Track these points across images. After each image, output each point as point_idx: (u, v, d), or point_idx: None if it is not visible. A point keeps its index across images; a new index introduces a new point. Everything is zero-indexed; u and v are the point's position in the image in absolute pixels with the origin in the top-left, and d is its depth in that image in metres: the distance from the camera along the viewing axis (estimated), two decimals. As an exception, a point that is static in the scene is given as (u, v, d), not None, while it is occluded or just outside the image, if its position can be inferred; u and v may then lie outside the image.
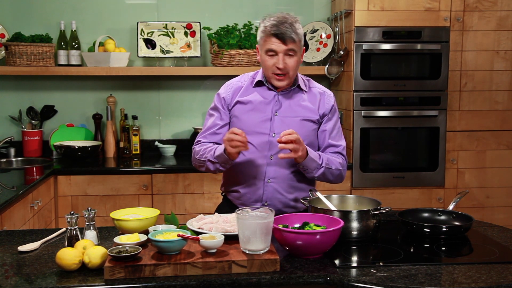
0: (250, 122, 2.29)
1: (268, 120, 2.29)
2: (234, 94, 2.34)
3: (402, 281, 1.62)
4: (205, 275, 1.64)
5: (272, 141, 2.27)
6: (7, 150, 3.87)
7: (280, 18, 2.19)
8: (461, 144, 3.78)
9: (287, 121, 2.29)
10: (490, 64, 3.74)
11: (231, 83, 2.39)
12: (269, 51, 2.20)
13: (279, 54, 2.19)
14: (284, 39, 2.16)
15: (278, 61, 2.19)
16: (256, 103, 2.30)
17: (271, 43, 2.18)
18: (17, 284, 1.60)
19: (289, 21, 2.18)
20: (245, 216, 1.74)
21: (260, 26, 2.25)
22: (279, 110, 2.30)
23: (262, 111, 2.29)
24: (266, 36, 2.19)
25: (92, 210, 1.90)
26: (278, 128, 2.27)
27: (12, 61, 3.72)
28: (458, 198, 2.27)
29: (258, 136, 2.28)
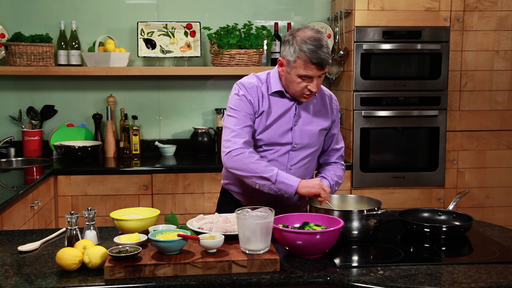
0: (274, 132, 2.25)
1: (289, 130, 2.26)
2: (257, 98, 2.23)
3: (402, 281, 1.62)
4: (205, 275, 1.64)
5: (292, 152, 2.27)
6: (7, 150, 3.87)
7: (317, 41, 2.08)
8: (461, 144, 3.78)
9: (306, 131, 2.28)
10: (490, 64, 3.74)
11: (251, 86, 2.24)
12: (304, 77, 2.13)
13: (314, 79, 2.14)
14: (323, 66, 2.11)
15: (312, 85, 2.14)
16: (278, 113, 2.24)
17: (310, 70, 2.10)
18: (17, 284, 1.60)
19: (325, 44, 2.11)
20: (245, 216, 1.74)
21: (291, 45, 2.12)
22: (298, 120, 2.27)
23: (283, 122, 2.25)
24: (304, 62, 2.09)
25: (92, 210, 1.90)
26: (298, 139, 2.27)
27: (12, 61, 3.72)
28: (458, 198, 2.27)
29: (279, 147, 2.26)
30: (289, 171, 2.28)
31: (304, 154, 2.30)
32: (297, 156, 2.29)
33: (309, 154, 2.32)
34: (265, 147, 2.27)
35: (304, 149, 2.30)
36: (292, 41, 2.13)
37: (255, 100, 2.23)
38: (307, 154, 2.31)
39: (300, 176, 2.27)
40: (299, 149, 2.28)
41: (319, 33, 2.13)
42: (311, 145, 2.31)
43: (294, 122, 2.27)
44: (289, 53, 2.14)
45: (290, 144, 2.27)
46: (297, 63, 2.12)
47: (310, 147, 2.31)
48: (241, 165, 2.15)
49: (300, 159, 2.30)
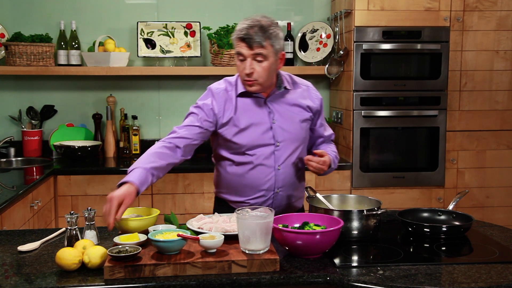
0: (251, 137, 2.20)
1: (268, 130, 2.22)
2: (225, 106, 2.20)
3: (402, 281, 1.62)
4: (205, 275, 1.64)
5: (277, 151, 2.23)
6: (7, 150, 3.87)
7: (252, 22, 2.09)
8: (461, 144, 3.78)
9: (286, 127, 2.24)
10: (490, 64, 3.73)
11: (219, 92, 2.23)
12: (238, 55, 2.12)
13: (247, 59, 2.11)
14: (250, 44, 2.07)
15: (244, 66, 2.11)
16: (250, 115, 2.21)
17: (239, 47, 2.10)
18: (17, 284, 1.60)
19: (261, 25, 2.08)
20: (245, 216, 1.74)
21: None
22: (275, 117, 2.23)
23: (260, 122, 2.21)
24: (235, 40, 2.12)
25: (92, 210, 1.90)
26: (280, 136, 2.23)
27: (12, 61, 3.72)
28: (458, 198, 2.27)
29: (262, 149, 2.22)
30: (277, 171, 2.24)
31: (290, 150, 2.25)
32: (283, 154, 2.24)
33: (296, 150, 2.27)
34: (248, 152, 2.22)
35: (288, 145, 2.25)
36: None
37: (221, 106, 2.20)
38: (293, 150, 2.26)
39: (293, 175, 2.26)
40: (283, 146, 2.24)
41: (263, 19, 2.11)
42: (295, 139, 2.26)
43: (272, 120, 2.23)
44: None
45: (272, 144, 2.23)
46: (234, 45, 2.14)
47: (294, 142, 2.26)
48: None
49: (287, 157, 2.24)
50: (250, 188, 2.26)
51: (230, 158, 2.26)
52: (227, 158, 2.27)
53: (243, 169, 2.25)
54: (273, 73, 2.19)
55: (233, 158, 2.25)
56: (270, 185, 2.25)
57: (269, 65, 2.12)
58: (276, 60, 2.15)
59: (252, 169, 2.24)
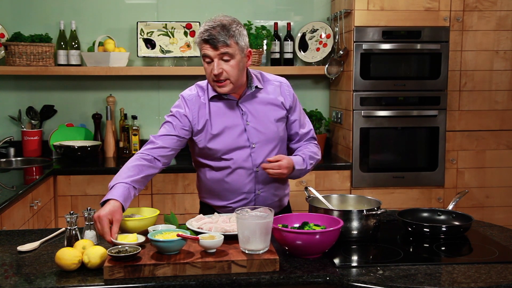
0: (226, 141, 2.19)
1: (243, 132, 2.20)
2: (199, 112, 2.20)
3: (401, 281, 1.62)
4: (205, 275, 1.64)
5: (253, 153, 2.22)
6: (6, 150, 3.87)
7: (214, 22, 2.09)
8: (460, 144, 3.78)
9: (260, 128, 2.22)
10: (490, 64, 3.74)
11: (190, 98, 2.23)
12: (204, 57, 2.11)
13: (214, 60, 2.09)
14: (215, 44, 2.06)
15: (212, 67, 2.09)
16: (223, 119, 2.20)
17: (205, 49, 2.09)
18: (17, 284, 1.60)
19: (222, 24, 2.08)
20: (244, 216, 1.74)
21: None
22: (248, 118, 2.21)
23: (234, 125, 2.20)
24: (199, 43, 2.11)
25: (91, 210, 1.90)
26: (255, 138, 2.21)
27: (12, 61, 3.72)
28: (457, 198, 2.27)
29: (238, 152, 2.21)
30: (256, 173, 2.23)
31: (266, 151, 2.23)
32: (260, 155, 2.22)
33: (273, 149, 2.25)
34: (224, 157, 2.21)
35: (264, 146, 2.23)
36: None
37: (194, 112, 2.20)
38: (270, 150, 2.24)
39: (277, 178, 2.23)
40: (259, 148, 2.22)
41: (224, 18, 2.12)
42: (271, 139, 2.24)
43: (246, 122, 2.21)
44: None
45: (248, 147, 2.21)
46: (199, 47, 2.12)
47: (271, 142, 2.24)
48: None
49: (264, 158, 2.22)
50: (231, 192, 2.26)
51: (208, 164, 2.26)
52: (205, 164, 2.27)
53: (222, 174, 2.25)
54: (243, 71, 2.17)
55: (211, 164, 2.25)
56: (250, 187, 2.25)
57: (236, 63, 2.11)
58: (243, 57, 2.13)
59: (231, 173, 2.23)
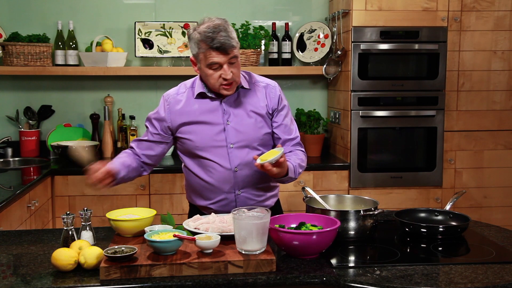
0: (203, 138, 2.19)
1: (221, 131, 2.19)
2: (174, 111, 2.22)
3: (398, 281, 1.62)
4: (201, 276, 1.64)
5: (231, 153, 2.20)
6: (4, 150, 3.87)
7: (213, 28, 2.04)
8: (458, 144, 3.78)
9: (241, 128, 2.20)
10: (488, 64, 3.74)
11: (168, 98, 2.25)
12: (212, 65, 2.07)
13: (224, 65, 2.07)
14: (226, 50, 2.04)
15: (224, 72, 2.07)
16: (203, 117, 2.19)
17: (213, 57, 2.05)
18: (13, 284, 1.59)
19: (223, 28, 2.05)
20: (241, 216, 1.74)
21: (192, 38, 2.10)
22: (229, 118, 2.19)
23: (212, 124, 2.19)
24: (205, 51, 2.05)
25: (88, 211, 1.90)
26: (234, 138, 2.19)
27: (10, 61, 3.71)
28: (455, 198, 2.27)
29: (216, 150, 2.19)
30: (235, 173, 2.21)
31: (245, 152, 2.20)
32: (239, 156, 2.20)
33: (252, 151, 2.21)
34: (202, 154, 2.21)
35: (243, 147, 2.20)
36: (192, 35, 2.10)
37: (172, 111, 2.22)
38: (250, 152, 2.20)
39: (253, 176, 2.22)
40: (238, 148, 2.19)
41: (217, 20, 2.08)
42: (251, 140, 2.21)
43: (226, 121, 2.20)
44: (193, 47, 2.12)
45: (225, 147, 2.20)
46: (201, 55, 2.08)
47: (251, 143, 2.21)
48: None
49: (243, 159, 2.20)
50: (211, 191, 2.25)
51: (189, 161, 2.27)
52: (187, 161, 2.29)
53: (201, 172, 2.25)
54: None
55: (191, 161, 2.26)
56: (230, 187, 2.23)
57: (239, 63, 2.14)
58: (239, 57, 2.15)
59: (209, 171, 2.23)
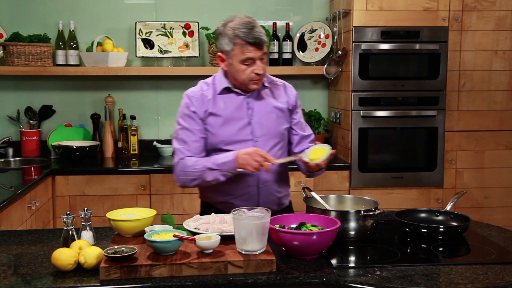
0: (229, 132, 2.23)
1: (246, 125, 2.25)
2: (203, 105, 2.25)
3: (398, 282, 1.62)
4: (201, 276, 1.64)
5: (256, 146, 2.22)
6: (5, 150, 3.87)
7: (247, 24, 2.13)
8: (459, 144, 3.77)
9: (265, 122, 2.26)
10: (489, 64, 3.73)
11: (194, 94, 2.28)
12: (247, 60, 2.14)
13: (257, 61, 2.15)
14: (261, 46, 2.13)
15: (257, 67, 2.15)
16: (229, 111, 2.24)
17: (249, 52, 2.13)
18: (13, 284, 1.59)
19: (256, 24, 2.15)
20: (241, 216, 1.74)
21: (225, 34, 2.17)
22: (253, 113, 2.26)
23: (237, 119, 2.24)
24: (241, 46, 2.12)
25: (88, 211, 1.89)
26: (259, 131, 2.25)
27: (10, 61, 3.72)
28: (455, 198, 2.26)
29: (241, 144, 2.23)
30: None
31: (269, 146, 2.26)
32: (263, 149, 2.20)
33: (275, 145, 2.28)
34: (227, 147, 2.23)
35: (268, 141, 2.26)
36: (225, 31, 2.17)
37: (200, 107, 2.24)
38: (273, 146, 2.27)
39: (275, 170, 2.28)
40: (263, 141, 2.25)
41: (248, 18, 2.17)
42: (273, 135, 2.28)
43: (250, 116, 2.25)
44: (225, 43, 2.18)
45: (251, 140, 2.25)
46: (235, 50, 2.15)
47: (274, 138, 2.28)
48: (186, 175, 2.20)
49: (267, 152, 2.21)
50: (235, 185, 2.26)
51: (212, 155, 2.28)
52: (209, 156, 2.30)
53: None
54: None
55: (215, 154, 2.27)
56: (253, 180, 2.26)
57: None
58: None
59: None
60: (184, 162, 2.21)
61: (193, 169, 2.19)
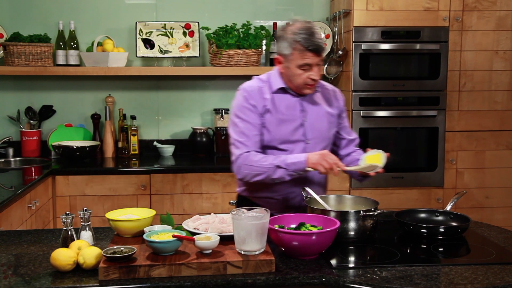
0: (284, 132, 2.26)
1: (299, 127, 2.28)
2: (261, 100, 2.26)
3: (398, 282, 1.61)
4: (200, 276, 1.64)
5: (307, 148, 2.28)
6: (5, 150, 3.87)
7: (308, 30, 2.15)
8: (460, 144, 3.77)
9: (316, 126, 2.31)
10: (489, 64, 3.73)
11: (252, 89, 2.28)
12: (304, 66, 2.17)
13: (313, 67, 2.18)
14: (320, 52, 2.16)
15: (314, 73, 2.19)
16: (284, 111, 2.27)
17: (307, 58, 2.15)
18: (12, 285, 1.59)
19: (316, 31, 2.17)
20: (240, 216, 1.74)
21: (285, 38, 2.18)
22: (306, 116, 2.29)
23: (291, 119, 2.27)
24: (300, 52, 2.15)
25: (87, 211, 1.89)
26: (310, 134, 2.29)
27: (11, 61, 3.72)
28: (455, 198, 2.26)
29: (294, 145, 2.27)
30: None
31: (318, 148, 2.29)
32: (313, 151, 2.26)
33: (323, 148, 2.33)
34: (279, 146, 2.27)
35: (318, 143, 2.31)
36: (285, 35, 2.19)
37: (258, 101, 2.25)
38: (321, 148, 2.31)
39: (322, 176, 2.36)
40: (313, 144, 2.29)
41: (308, 23, 2.20)
42: (323, 138, 2.33)
43: (303, 118, 2.28)
44: (284, 47, 2.20)
45: (303, 141, 2.28)
46: (294, 55, 2.17)
47: (323, 141, 2.33)
48: (251, 169, 2.19)
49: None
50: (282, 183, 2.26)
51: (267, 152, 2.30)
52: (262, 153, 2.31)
53: None
54: None
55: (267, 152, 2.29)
56: (299, 180, 2.27)
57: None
58: None
59: None
60: (249, 156, 2.20)
61: (259, 164, 2.18)
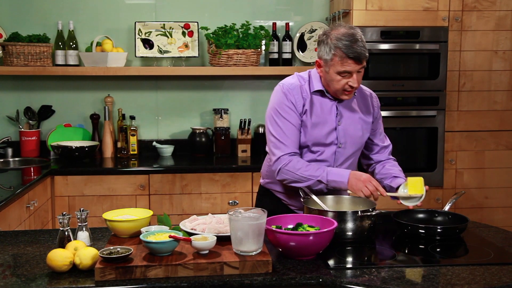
0: (319, 134, 2.25)
1: (333, 130, 2.27)
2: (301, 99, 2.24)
3: (395, 283, 1.61)
4: (197, 277, 1.63)
5: (338, 152, 2.28)
6: (4, 150, 3.86)
7: (351, 36, 2.11)
8: (459, 145, 3.76)
9: (350, 131, 2.29)
10: (489, 64, 3.72)
11: (293, 87, 2.25)
12: (343, 73, 2.14)
13: (353, 74, 2.15)
14: (361, 60, 2.13)
15: (353, 80, 2.15)
16: (320, 113, 2.25)
17: (348, 65, 2.12)
18: (8, 285, 1.59)
19: (359, 38, 2.12)
20: (237, 217, 1.73)
21: (326, 43, 2.15)
22: (341, 119, 2.28)
23: (326, 122, 2.26)
24: (341, 58, 2.11)
25: (84, 211, 1.89)
26: (343, 138, 2.28)
27: (10, 61, 3.71)
28: (454, 198, 2.26)
29: (326, 148, 2.27)
30: None
31: (349, 153, 2.31)
32: (343, 156, 2.29)
33: (354, 153, 2.33)
34: (312, 147, 2.26)
35: (349, 148, 2.30)
36: (327, 40, 2.15)
37: (298, 100, 2.24)
38: (352, 153, 2.32)
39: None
40: (344, 148, 2.29)
41: (352, 29, 2.15)
42: (355, 143, 2.32)
43: (337, 121, 2.27)
44: (325, 52, 2.16)
45: (335, 144, 2.27)
46: (334, 61, 2.14)
47: (354, 146, 2.32)
48: (292, 176, 2.19)
49: (345, 159, 2.31)
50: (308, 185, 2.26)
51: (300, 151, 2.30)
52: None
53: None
54: None
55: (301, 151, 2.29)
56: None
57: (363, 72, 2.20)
58: None
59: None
60: (291, 161, 2.19)
61: (300, 173, 2.18)
